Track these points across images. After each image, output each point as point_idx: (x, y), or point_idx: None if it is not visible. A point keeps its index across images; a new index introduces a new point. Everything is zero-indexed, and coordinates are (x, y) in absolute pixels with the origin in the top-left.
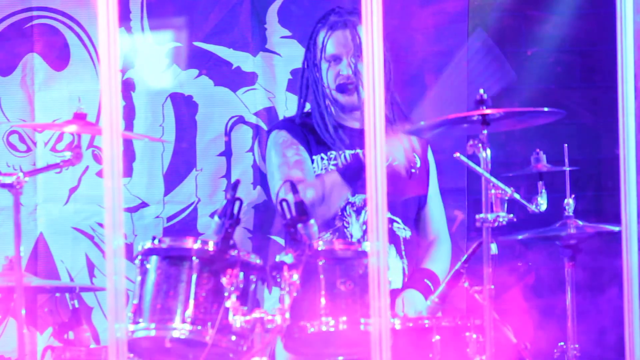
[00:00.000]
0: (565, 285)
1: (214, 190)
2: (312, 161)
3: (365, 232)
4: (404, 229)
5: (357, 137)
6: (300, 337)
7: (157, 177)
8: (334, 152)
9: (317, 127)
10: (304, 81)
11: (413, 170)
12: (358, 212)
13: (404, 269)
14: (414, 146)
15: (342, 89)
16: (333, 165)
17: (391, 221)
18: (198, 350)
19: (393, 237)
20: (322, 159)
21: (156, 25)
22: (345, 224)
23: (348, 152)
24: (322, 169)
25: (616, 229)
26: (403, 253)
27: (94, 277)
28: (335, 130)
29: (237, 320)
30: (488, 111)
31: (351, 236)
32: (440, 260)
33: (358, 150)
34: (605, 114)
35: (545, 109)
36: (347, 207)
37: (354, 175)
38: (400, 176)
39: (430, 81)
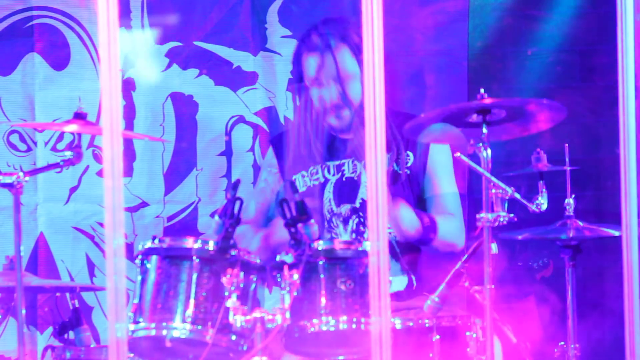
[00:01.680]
0: (566, 285)
1: (214, 189)
2: (294, 181)
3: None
4: None
5: (342, 148)
6: (300, 336)
7: (158, 176)
8: (316, 167)
9: (298, 141)
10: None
11: (407, 171)
12: (345, 221)
13: (406, 269)
14: (403, 150)
15: (329, 113)
16: (314, 181)
17: None
18: (198, 349)
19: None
20: (302, 176)
21: (156, 25)
22: (334, 235)
23: (332, 164)
24: (302, 186)
25: (616, 233)
26: (399, 255)
27: (94, 276)
28: (324, 143)
29: (237, 320)
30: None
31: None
32: (445, 228)
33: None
34: (606, 113)
35: (544, 102)
36: (334, 219)
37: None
38: (390, 182)
39: (431, 81)
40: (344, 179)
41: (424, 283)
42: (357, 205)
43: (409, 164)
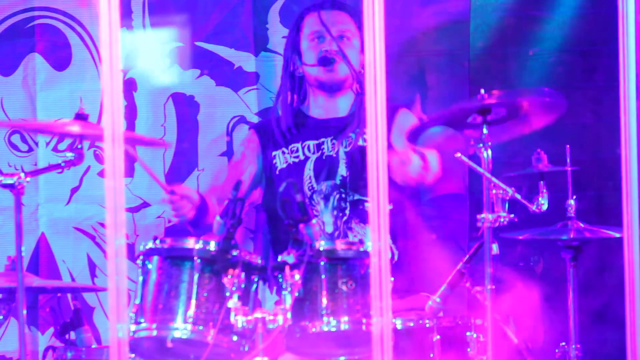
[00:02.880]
0: (567, 285)
1: None
2: (274, 157)
3: (336, 217)
4: None
5: (321, 129)
6: (301, 337)
7: (159, 177)
8: (296, 145)
9: (277, 122)
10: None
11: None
12: (326, 198)
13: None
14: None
15: (324, 61)
16: (294, 158)
17: (362, 202)
18: (200, 350)
19: (367, 217)
20: (283, 152)
21: (158, 25)
22: (315, 212)
23: (312, 143)
24: (283, 163)
25: (617, 234)
26: None
27: (96, 277)
28: (296, 126)
29: (238, 320)
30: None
31: (323, 224)
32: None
33: None
34: (607, 113)
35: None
36: (314, 196)
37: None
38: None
39: (432, 81)
40: (323, 157)
41: (405, 255)
42: (338, 181)
43: None
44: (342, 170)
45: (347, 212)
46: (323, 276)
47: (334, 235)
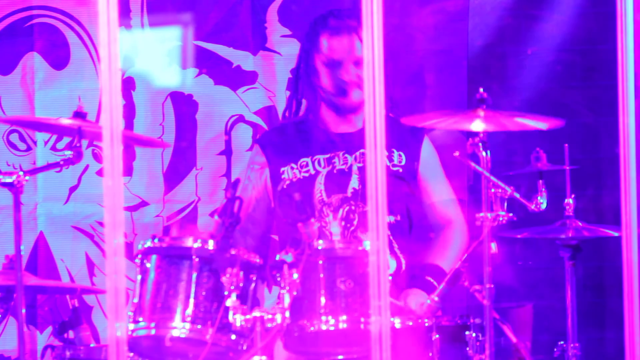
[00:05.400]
0: (566, 284)
1: (214, 189)
2: (282, 173)
3: (345, 228)
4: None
5: (331, 142)
6: (300, 336)
7: (157, 176)
8: (306, 159)
9: (294, 133)
10: (300, 81)
11: (396, 169)
12: (335, 210)
13: (395, 252)
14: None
15: (342, 91)
16: (305, 172)
17: None
18: (198, 349)
19: None
20: (292, 168)
21: (156, 24)
22: (323, 224)
23: (322, 157)
24: (292, 178)
25: (615, 233)
26: (391, 238)
27: (94, 276)
28: (320, 137)
29: (237, 319)
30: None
31: (331, 234)
32: (451, 247)
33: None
34: (606, 112)
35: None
36: (324, 209)
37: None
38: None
39: (430, 80)
40: (334, 171)
41: (413, 266)
42: (349, 194)
43: (402, 163)
44: (354, 183)
45: (355, 222)
46: (321, 275)
47: None
